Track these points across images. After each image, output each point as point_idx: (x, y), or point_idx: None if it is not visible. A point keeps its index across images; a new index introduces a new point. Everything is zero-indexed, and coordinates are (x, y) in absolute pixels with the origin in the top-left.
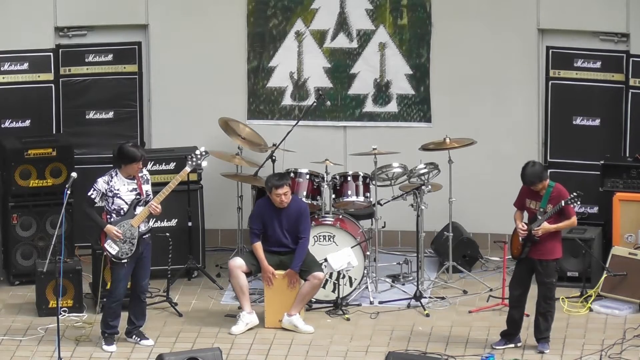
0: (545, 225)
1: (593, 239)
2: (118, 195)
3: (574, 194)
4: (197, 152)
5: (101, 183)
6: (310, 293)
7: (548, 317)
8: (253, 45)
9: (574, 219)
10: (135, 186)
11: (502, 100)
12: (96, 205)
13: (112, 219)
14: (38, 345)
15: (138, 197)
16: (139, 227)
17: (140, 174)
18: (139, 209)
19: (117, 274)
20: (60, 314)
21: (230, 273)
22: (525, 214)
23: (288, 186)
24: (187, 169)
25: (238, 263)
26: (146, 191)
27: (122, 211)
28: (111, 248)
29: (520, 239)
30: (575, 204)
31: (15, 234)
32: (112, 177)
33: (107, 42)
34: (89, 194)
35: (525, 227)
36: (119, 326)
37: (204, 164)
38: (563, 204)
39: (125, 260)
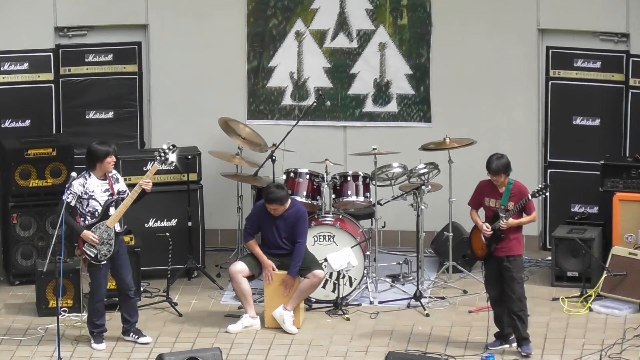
0: (511, 221)
1: (593, 239)
2: (93, 197)
3: (540, 185)
4: (164, 146)
5: (77, 186)
6: (308, 290)
7: (523, 316)
8: (253, 45)
9: (534, 214)
10: (108, 187)
11: (502, 100)
12: (73, 209)
13: (86, 222)
14: (38, 345)
15: (111, 197)
16: (114, 227)
17: (110, 174)
18: (112, 210)
19: (96, 275)
20: (60, 314)
21: (232, 278)
22: (481, 213)
23: (279, 205)
24: (157, 165)
25: (239, 268)
26: (118, 190)
27: (96, 213)
28: (89, 251)
29: (484, 239)
30: (543, 195)
31: (15, 234)
32: (86, 179)
33: (107, 42)
34: (64, 197)
35: (490, 227)
36: (106, 324)
37: (173, 157)
38: (530, 198)
39: (104, 262)
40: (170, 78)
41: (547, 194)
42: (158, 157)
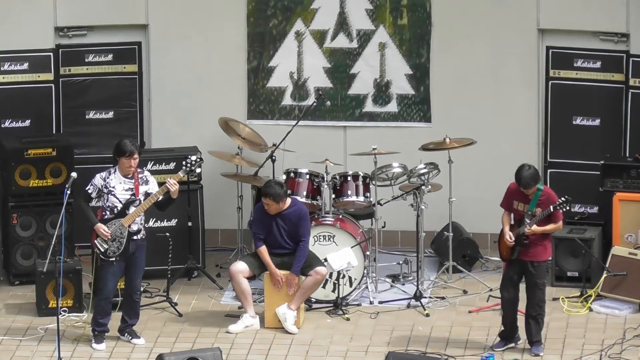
0: (535, 228)
1: (593, 239)
2: (112, 193)
3: (563, 199)
4: (193, 158)
5: (98, 178)
6: (312, 288)
7: (539, 320)
8: (253, 45)
9: (560, 223)
10: (132, 186)
11: (502, 100)
12: (92, 200)
13: (106, 216)
14: (38, 345)
15: (132, 197)
16: (129, 226)
17: (140, 175)
18: (132, 209)
19: (105, 271)
20: (60, 314)
21: (233, 278)
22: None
23: (273, 201)
24: (181, 174)
25: (240, 267)
26: (145, 191)
27: (115, 209)
28: (100, 245)
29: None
30: (564, 209)
31: (15, 234)
32: (109, 174)
33: (107, 42)
34: (86, 188)
35: (513, 238)
36: (109, 324)
37: (198, 170)
38: (552, 209)
39: (114, 259)
40: (170, 78)
41: (569, 207)
42: (184, 167)
